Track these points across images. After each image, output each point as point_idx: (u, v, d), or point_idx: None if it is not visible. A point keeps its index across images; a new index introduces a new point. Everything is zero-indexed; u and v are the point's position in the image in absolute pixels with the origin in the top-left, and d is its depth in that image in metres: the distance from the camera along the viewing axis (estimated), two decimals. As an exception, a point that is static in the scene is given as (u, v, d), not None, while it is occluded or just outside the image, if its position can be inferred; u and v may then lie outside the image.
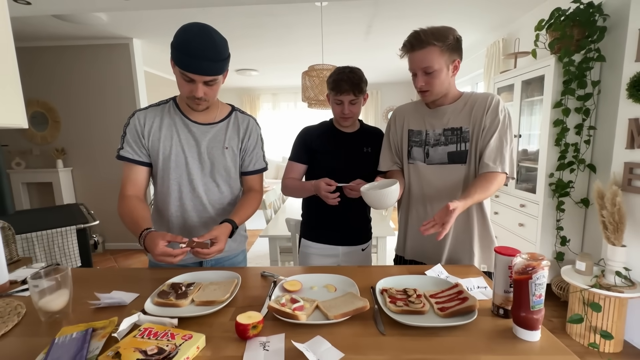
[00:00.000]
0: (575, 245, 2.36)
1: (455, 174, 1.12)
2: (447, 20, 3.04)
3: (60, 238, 1.84)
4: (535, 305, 0.64)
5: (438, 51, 1.01)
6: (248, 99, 6.49)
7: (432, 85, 1.06)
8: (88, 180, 3.72)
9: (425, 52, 1.02)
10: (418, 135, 1.18)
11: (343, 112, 1.26)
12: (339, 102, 1.26)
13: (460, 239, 1.15)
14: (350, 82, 1.22)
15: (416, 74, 1.07)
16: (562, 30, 2.13)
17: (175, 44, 0.93)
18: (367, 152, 1.33)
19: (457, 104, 1.13)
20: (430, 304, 0.78)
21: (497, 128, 1.06)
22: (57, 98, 3.54)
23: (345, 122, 1.30)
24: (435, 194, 1.15)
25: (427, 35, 1.01)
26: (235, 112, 1.17)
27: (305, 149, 1.35)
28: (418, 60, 1.04)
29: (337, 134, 1.35)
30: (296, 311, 0.73)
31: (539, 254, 0.66)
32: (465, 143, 1.10)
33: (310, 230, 1.42)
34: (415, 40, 1.03)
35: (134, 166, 1.06)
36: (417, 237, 1.21)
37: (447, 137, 1.13)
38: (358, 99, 1.26)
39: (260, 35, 3.40)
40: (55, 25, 2.96)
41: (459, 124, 1.11)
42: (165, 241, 0.87)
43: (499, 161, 1.05)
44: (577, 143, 2.21)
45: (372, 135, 1.36)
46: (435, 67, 1.03)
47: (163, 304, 0.80)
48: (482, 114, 1.08)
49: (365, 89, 1.27)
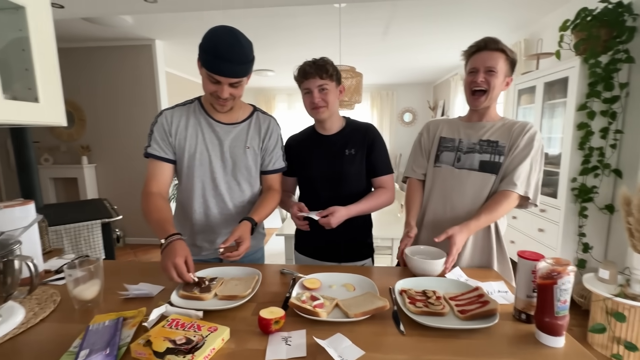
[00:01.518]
0: (598, 253, 2.28)
1: (483, 183, 1.12)
2: (467, 20, 3.00)
3: (87, 231, 1.92)
4: (559, 310, 0.63)
5: (504, 59, 1.08)
6: (264, 99, 6.57)
7: (490, 85, 1.08)
8: (110, 176, 3.86)
9: (495, 54, 1.07)
10: (450, 142, 1.20)
11: (313, 102, 1.15)
12: (307, 91, 1.17)
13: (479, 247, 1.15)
14: (315, 65, 1.14)
15: (477, 71, 1.09)
16: (589, 31, 2.06)
17: (203, 47, 0.97)
18: (350, 155, 1.21)
19: (497, 123, 1.16)
20: (450, 306, 0.78)
21: (529, 153, 1.09)
22: (83, 97, 3.68)
23: (318, 113, 1.17)
24: (458, 198, 1.15)
25: (500, 43, 1.08)
26: (256, 113, 1.20)
27: (290, 159, 1.25)
28: (487, 58, 1.07)
29: (316, 139, 1.26)
30: (317, 308, 0.74)
31: (564, 259, 0.65)
32: (500, 156, 1.12)
33: (301, 242, 1.33)
34: (490, 41, 1.08)
35: (159, 163, 1.09)
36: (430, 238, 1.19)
37: (482, 146, 1.15)
38: (327, 84, 1.14)
39: (279, 36, 3.44)
40: (83, 27, 3.09)
41: (495, 138, 1.13)
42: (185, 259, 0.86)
43: (525, 184, 1.07)
44: (602, 147, 2.14)
45: (357, 134, 1.23)
46: (498, 69, 1.07)
47: (188, 296, 0.83)
48: (518, 135, 1.10)
49: (335, 74, 1.16)
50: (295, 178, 1.31)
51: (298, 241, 1.35)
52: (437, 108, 5.84)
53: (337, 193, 1.22)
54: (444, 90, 5.66)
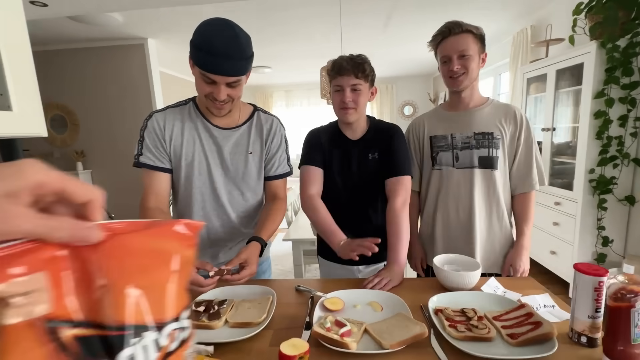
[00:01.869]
0: (618, 246, 2.20)
1: (488, 179, 1.14)
2: (470, 9, 2.88)
3: (83, 243, 1.81)
4: (637, 338, 0.54)
5: (473, 38, 1.07)
6: (261, 97, 6.44)
7: (468, 68, 1.07)
8: (107, 182, 3.74)
9: (463, 36, 1.06)
10: (443, 140, 1.17)
11: (343, 101, 1.05)
12: (338, 89, 1.06)
13: (490, 244, 1.17)
14: (352, 62, 1.04)
15: (450, 59, 1.08)
16: (606, 13, 1.95)
17: (195, 42, 0.85)
18: (374, 159, 1.12)
19: (485, 108, 1.15)
20: (496, 328, 0.68)
21: (532, 145, 1.13)
22: (75, 101, 3.56)
23: (347, 115, 1.07)
24: (468, 198, 1.15)
25: (463, 23, 1.07)
26: (257, 113, 1.08)
27: (317, 149, 1.14)
28: (455, 44, 1.06)
29: (341, 142, 1.14)
30: (345, 338, 0.65)
31: (637, 276, 0.56)
32: (496, 149, 1.13)
33: (324, 247, 1.19)
34: (453, 25, 1.07)
35: (155, 173, 0.98)
36: (446, 243, 1.19)
37: (478, 140, 1.13)
38: (361, 85, 1.04)
39: (274, 31, 3.31)
40: (71, 27, 2.95)
41: (489, 129, 1.13)
42: (194, 268, 0.79)
43: (539, 178, 1.14)
44: (622, 136, 2.04)
45: (381, 135, 1.13)
46: (471, 52, 1.06)
47: (194, 326, 0.73)
48: (515, 128, 1.13)
49: (371, 75, 1.07)
50: (322, 171, 1.14)
51: (322, 246, 1.22)
52: (438, 100, 5.73)
53: (354, 197, 1.14)
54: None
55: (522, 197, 1.16)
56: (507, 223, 1.17)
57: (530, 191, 1.15)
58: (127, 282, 0.24)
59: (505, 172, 1.15)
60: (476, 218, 1.14)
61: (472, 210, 1.14)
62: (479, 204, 1.14)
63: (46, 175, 0.23)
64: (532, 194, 1.15)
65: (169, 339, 0.26)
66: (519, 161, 1.14)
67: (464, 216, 1.16)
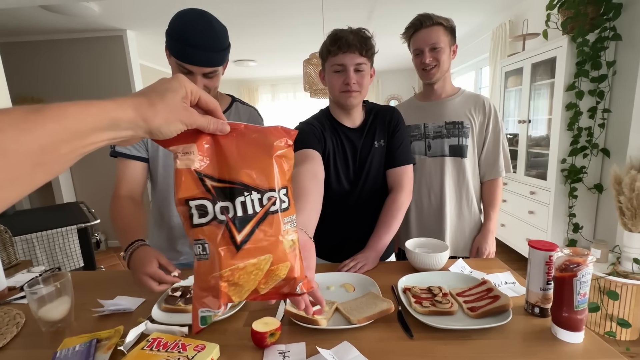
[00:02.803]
0: (588, 232, 2.31)
1: (459, 167, 1.19)
2: (451, 3, 2.93)
3: (61, 238, 1.78)
4: (579, 304, 0.59)
5: (443, 30, 1.10)
6: (246, 91, 6.38)
7: (439, 61, 1.11)
8: (87, 177, 3.66)
9: (433, 29, 1.09)
10: (416, 129, 1.21)
11: (346, 83, 0.92)
12: (339, 69, 0.93)
13: (460, 228, 1.23)
14: (357, 36, 0.90)
15: (422, 51, 1.11)
16: (576, 9, 2.03)
17: (170, 32, 0.85)
18: (380, 147, 1.04)
19: (456, 98, 1.19)
20: (459, 303, 0.73)
21: (499, 133, 1.19)
22: (52, 94, 3.44)
23: (350, 98, 0.95)
24: (439, 186, 1.20)
25: (435, 16, 1.09)
26: (235, 104, 1.10)
27: (318, 138, 0.98)
28: (427, 36, 1.09)
29: (342, 131, 1.03)
30: (316, 315, 0.67)
31: (581, 249, 0.60)
32: (466, 138, 1.17)
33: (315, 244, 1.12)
34: (425, 18, 1.10)
35: (130, 162, 0.98)
36: (419, 228, 1.25)
37: (448, 129, 1.17)
38: (365, 65, 0.93)
39: (259, 24, 3.28)
40: (45, 18, 2.85)
41: (460, 119, 1.17)
42: (157, 262, 0.77)
43: (505, 165, 1.21)
44: (591, 127, 2.14)
45: (384, 120, 1.04)
46: (442, 44, 1.10)
47: (171, 309, 0.75)
48: (484, 118, 1.18)
49: (372, 51, 0.95)
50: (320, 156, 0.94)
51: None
52: (423, 94, 5.81)
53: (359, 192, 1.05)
54: (429, 75, 5.61)
55: (489, 184, 1.22)
56: (476, 209, 1.22)
57: (497, 178, 1.21)
58: (243, 165, 0.41)
59: (474, 160, 1.21)
60: (447, 204, 1.19)
61: (443, 197, 1.19)
62: (449, 191, 1.19)
63: (193, 86, 0.38)
64: (498, 181, 1.22)
65: (269, 202, 0.42)
66: (487, 149, 1.20)
67: (435, 202, 1.21)
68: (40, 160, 0.27)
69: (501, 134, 1.20)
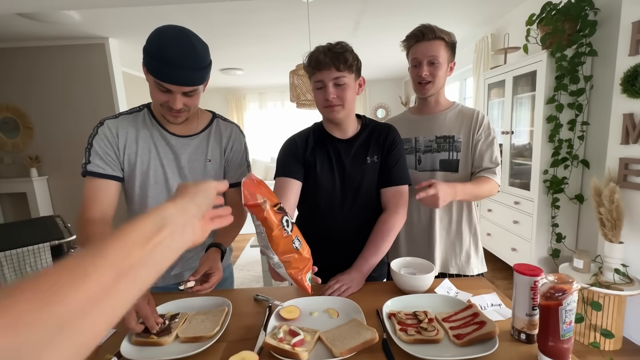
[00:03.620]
0: (570, 242, 2.35)
1: (448, 181, 1.11)
2: (435, 15, 2.99)
3: (33, 257, 1.69)
4: (565, 333, 0.57)
5: (444, 46, 1.07)
6: (234, 99, 6.33)
7: (435, 77, 1.08)
8: (65, 189, 3.52)
9: (435, 43, 1.06)
10: (407, 143, 1.19)
11: (326, 98, 0.94)
12: (319, 85, 0.95)
13: (450, 245, 1.19)
14: (330, 52, 0.91)
15: (420, 64, 1.08)
16: (554, 25, 2.09)
17: (148, 50, 0.81)
18: (373, 163, 1.02)
19: (449, 112, 1.16)
20: (445, 330, 0.71)
21: (492, 142, 1.14)
22: (29, 103, 3.32)
23: (332, 112, 0.96)
24: None
25: (437, 29, 1.06)
26: (216, 120, 1.06)
27: (297, 160, 1.02)
28: (426, 49, 1.06)
29: (328, 141, 1.04)
30: (296, 348, 0.64)
31: (566, 275, 0.59)
32: (457, 152, 1.14)
33: None
34: (427, 30, 1.06)
35: (103, 182, 0.92)
36: (409, 245, 1.21)
37: (439, 144, 1.15)
38: (345, 78, 0.93)
39: (245, 33, 3.27)
40: (23, 25, 2.76)
41: (451, 132, 1.14)
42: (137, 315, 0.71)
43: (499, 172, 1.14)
44: (571, 139, 2.19)
45: (380, 136, 1.04)
46: (440, 60, 1.07)
47: (143, 343, 0.70)
48: (475, 128, 1.13)
49: (355, 64, 0.95)
50: (300, 184, 1.02)
51: None
52: (409, 103, 5.89)
53: (349, 208, 1.04)
54: (415, 85, 5.70)
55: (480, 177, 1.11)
56: (464, 223, 1.18)
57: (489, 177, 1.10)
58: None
59: (466, 175, 1.15)
60: (436, 220, 1.16)
61: (433, 212, 1.16)
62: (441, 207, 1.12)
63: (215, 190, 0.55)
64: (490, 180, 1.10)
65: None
66: (479, 151, 1.12)
67: (425, 218, 1.18)
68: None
69: (494, 141, 1.13)
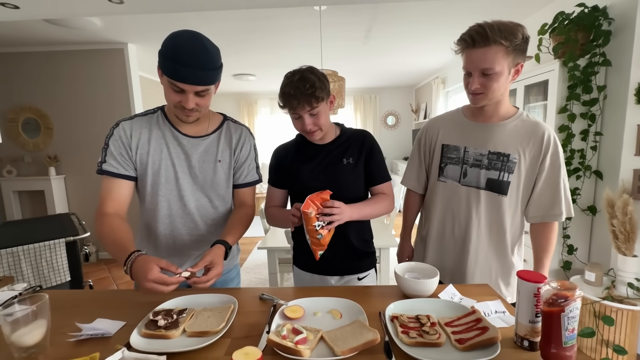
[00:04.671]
0: (582, 254, 2.30)
1: (494, 203, 1.04)
2: (446, 25, 3.00)
3: (49, 252, 1.75)
4: (568, 340, 0.57)
5: (503, 51, 0.89)
6: (245, 104, 6.44)
7: (488, 89, 0.93)
8: (81, 188, 3.63)
9: (488, 50, 0.89)
10: (455, 152, 1.08)
11: (304, 129, 1.03)
12: (296, 117, 1.03)
13: (487, 270, 1.11)
14: (301, 93, 0.97)
15: (471, 73, 0.94)
16: (567, 35, 2.08)
17: (163, 52, 0.87)
18: (348, 164, 1.10)
19: (509, 124, 1.01)
20: (447, 334, 0.71)
21: (559, 172, 0.99)
22: (50, 104, 3.46)
23: (312, 136, 1.07)
24: (464, 216, 1.08)
25: (493, 32, 0.88)
26: (227, 122, 1.10)
27: (280, 170, 1.15)
28: (478, 59, 0.90)
29: (310, 147, 1.13)
30: (299, 345, 0.65)
31: (569, 282, 0.59)
32: (509, 174, 1.00)
33: (298, 256, 1.21)
34: (478, 35, 0.90)
35: (117, 181, 0.97)
36: (436, 255, 1.17)
37: (490, 160, 1.02)
38: (319, 108, 1.01)
39: (258, 40, 3.34)
40: (48, 30, 2.89)
41: (507, 150, 1.00)
42: (159, 267, 0.78)
43: (566, 208, 1.02)
44: (583, 149, 2.16)
45: (354, 142, 1.12)
46: (497, 69, 0.90)
47: (151, 335, 0.72)
48: (539, 151, 0.98)
49: (323, 95, 1.00)
50: (286, 191, 1.18)
51: (297, 255, 1.22)
52: (420, 111, 5.89)
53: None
54: (425, 93, 5.70)
55: (543, 227, 1.05)
56: (509, 255, 1.09)
57: (554, 222, 1.04)
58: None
59: (517, 201, 1.03)
60: (472, 240, 1.07)
61: (469, 231, 1.07)
62: (476, 227, 1.06)
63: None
64: (554, 225, 1.04)
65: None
66: (541, 188, 1.01)
67: (459, 234, 1.09)
68: None
69: (561, 170, 0.99)
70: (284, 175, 1.16)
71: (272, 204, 1.19)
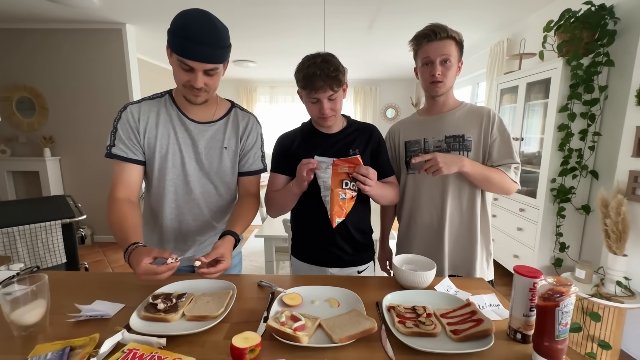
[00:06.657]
0: (574, 252, 2.34)
1: (458, 182, 1.14)
2: (451, 17, 2.97)
3: (44, 233, 1.74)
4: (560, 334, 0.59)
5: (454, 45, 1.07)
6: (245, 91, 6.36)
7: (446, 77, 1.08)
8: (77, 170, 3.59)
9: (447, 42, 1.06)
10: (416, 145, 1.19)
11: (322, 112, 1.03)
12: (314, 101, 1.03)
13: (460, 246, 1.18)
14: (326, 75, 0.97)
15: (432, 63, 1.08)
16: (572, 33, 2.07)
17: (172, 29, 0.85)
18: (355, 155, 1.09)
19: (457, 111, 1.16)
20: (442, 325, 0.72)
21: (508, 140, 1.12)
22: (45, 84, 3.38)
23: (326, 122, 1.07)
24: (437, 201, 1.17)
25: (448, 29, 1.07)
26: (234, 109, 1.09)
27: (285, 156, 1.13)
28: (439, 48, 1.06)
29: (317, 137, 1.13)
30: (297, 332, 0.67)
31: (565, 278, 0.61)
32: (468, 152, 1.12)
33: (297, 247, 1.22)
34: (439, 29, 1.06)
35: (126, 165, 0.97)
36: (421, 246, 1.21)
37: (449, 144, 1.14)
38: (337, 93, 1.02)
39: (261, 26, 3.28)
40: (44, 7, 2.81)
41: (461, 132, 1.13)
42: (151, 258, 0.77)
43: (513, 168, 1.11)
44: (581, 149, 2.17)
45: (361, 134, 1.14)
46: (452, 59, 1.07)
47: (151, 318, 0.73)
48: (489, 127, 1.12)
49: (344, 79, 1.03)
50: (289, 177, 1.14)
51: (295, 246, 1.23)
52: (420, 104, 5.86)
53: None
54: (426, 87, 5.66)
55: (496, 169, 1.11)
56: (477, 228, 1.15)
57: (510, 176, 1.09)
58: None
59: None
60: (447, 221, 1.15)
61: (444, 214, 1.15)
62: (450, 207, 1.14)
63: None
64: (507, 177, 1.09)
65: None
66: (497, 152, 1.11)
67: (437, 219, 1.17)
68: None
69: (511, 138, 1.11)
70: (289, 161, 1.12)
71: (273, 189, 1.16)
